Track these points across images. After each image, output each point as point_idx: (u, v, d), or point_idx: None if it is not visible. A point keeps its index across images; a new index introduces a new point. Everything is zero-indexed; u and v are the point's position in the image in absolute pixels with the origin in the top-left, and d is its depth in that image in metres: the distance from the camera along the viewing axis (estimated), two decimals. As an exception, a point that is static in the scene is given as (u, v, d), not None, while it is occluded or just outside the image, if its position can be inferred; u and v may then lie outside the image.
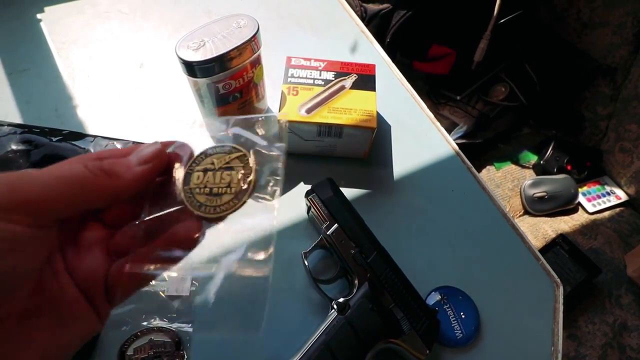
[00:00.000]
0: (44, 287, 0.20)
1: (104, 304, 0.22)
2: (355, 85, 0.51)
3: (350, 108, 0.48)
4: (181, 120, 0.55)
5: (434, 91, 0.89)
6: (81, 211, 0.21)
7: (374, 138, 0.55)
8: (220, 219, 0.22)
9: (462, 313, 0.43)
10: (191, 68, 0.43)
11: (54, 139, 0.50)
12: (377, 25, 0.75)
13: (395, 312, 0.38)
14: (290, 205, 0.49)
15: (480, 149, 0.89)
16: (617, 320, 0.70)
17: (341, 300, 0.39)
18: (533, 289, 0.46)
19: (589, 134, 0.91)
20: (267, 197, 0.24)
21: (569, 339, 0.68)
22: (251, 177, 0.23)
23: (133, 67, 0.61)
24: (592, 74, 0.84)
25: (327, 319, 0.38)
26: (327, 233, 0.43)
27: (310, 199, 0.45)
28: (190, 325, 0.40)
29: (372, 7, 0.74)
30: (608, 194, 0.88)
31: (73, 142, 0.50)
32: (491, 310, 0.44)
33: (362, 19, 0.72)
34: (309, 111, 0.48)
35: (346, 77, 0.51)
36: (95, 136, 0.51)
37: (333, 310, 0.39)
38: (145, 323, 0.39)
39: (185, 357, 0.38)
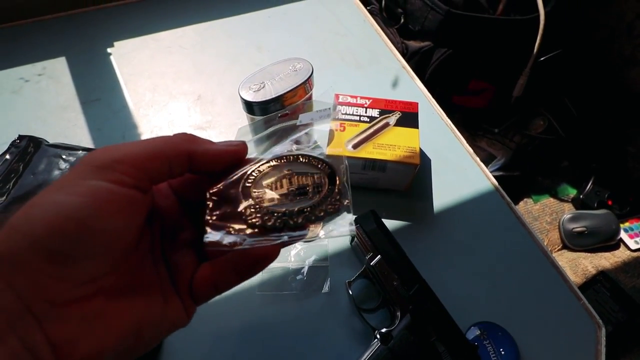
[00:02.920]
0: (145, 270, 0.23)
1: (189, 301, 0.24)
2: (399, 123, 0.53)
3: (394, 144, 0.51)
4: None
5: (471, 123, 0.90)
6: (172, 174, 0.23)
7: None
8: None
9: (501, 349, 0.44)
10: (251, 107, 0.47)
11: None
12: (417, 61, 0.78)
13: (437, 345, 0.40)
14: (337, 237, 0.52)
15: (518, 181, 0.89)
16: (662, 365, 0.68)
17: (384, 330, 0.41)
18: (574, 328, 0.47)
19: (631, 168, 0.89)
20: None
21: (610, 381, 0.66)
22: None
23: (192, 98, 0.66)
24: (634, 109, 0.83)
25: (370, 348, 0.40)
26: (371, 264, 0.45)
27: (355, 230, 0.48)
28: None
29: (414, 44, 0.77)
30: (652, 230, 0.86)
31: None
32: (531, 348, 0.45)
33: (403, 55, 0.76)
34: (355, 146, 0.51)
35: (390, 115, 0.54)
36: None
37: (376, 340, 0.41)
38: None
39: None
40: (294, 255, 0.50)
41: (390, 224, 0.53)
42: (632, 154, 0.88)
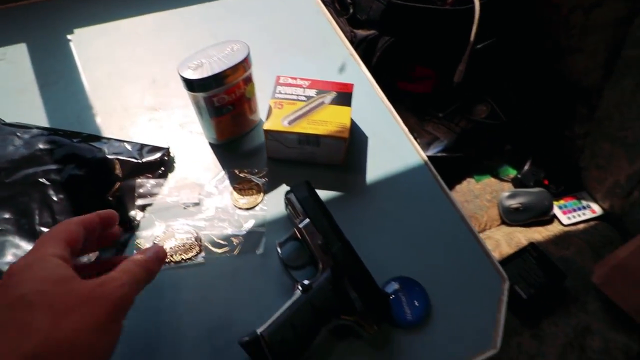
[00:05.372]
0: None
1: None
2: (334, 102, 0.58)
3: (327, 120, 0.56)
4: (184, 126, 0.64)
5: (419, 108, 0.96)
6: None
7: (352, 147, 0.63)
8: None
9: (415, 300, 0.49)
10: (191, 85, 0.51)
11: (75, 140, 0.59)
12: (364, 49, 0.83)
13: (351, 293, 0.45)
14: (274, 204, 0.57)
15: (461, 162, 0.95)
16: (581, 324, 0.74)
17: (306, 282, 0.46)
18: (482, 282, 0.52)
19: (567, 151, 0.96)
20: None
21: (532, 339, 0.73)
22: None
23: (146, 82, 0.70)
24: (570, 96, 0.90)
25: (293, 297, 0.45)
26: (299, 226, 0.50)
27: (288, 197, 0.53)
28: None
29: (361, 33, 0.82)
30: (584, 207, 0.92)
31: (91, 143, 0.59)
32: (442, 298, 0.50)
33: (352, 43, 0.80)
34: (290, 122, 0.55)
35: (326, 94, 0.59)
36: (109, 139, 0.60)
37: (298, 290, 0.45)
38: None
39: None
40: (234, 222, 0.55)
41: (326, 194, 0.58)
42: (568, 137, 0.95)
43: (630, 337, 0.74)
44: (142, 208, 0.55)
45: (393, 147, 0.64)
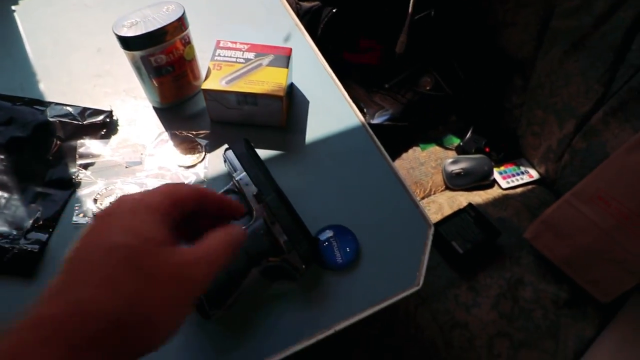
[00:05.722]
0: None
1: None
2: (271, 64, 0.61)
3: (263, 81, 0.58)
4: (128, 92, 0.66)
5: (366, 80, 0.99)
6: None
7: (293, 110, 0.66)
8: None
9: (347, 247, 0.53)
10: (126, 42, 0.53)
11: (17, 104, 0.60)
12: (309, 20, 0.85)
13: (280, 237, 0.48)
14: (216, 164, 0.59)
15: (407, 131, 1.00)
16: (514, 276, 0.80)
17: (239, 227, 0.49)
18: (410, 229, 0.56)
19: (507, 121, 1.01)
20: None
21: (468, 291, 0.78)
22: None
23: (92, 50, 0.71)
24: (507, 68, 0.95)
25: (226, 241, 0.48)
26: (236, 179, 0.52)
27: (226, 154, 0.55)
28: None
29: (306, 4, 0.84)
30: (522, 173, 0.99)
31: (33, 107, 0.60)
32: (373, 244, 0.54)
33: (297, 15, 0.83)
34: (228, 82, 0.58)
35: (264, 57, 0.61)
36: (51, 102, 0.61)
37: (232, 235, 0.48)
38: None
39: None
40: (176, 179, 0.57)
41: (267, 153, 0.61)
42: (507, 108, 1.00)
43: (560, 287, 0.81)
44: (85, 167, 0.57)
45: (333, 111, 0.67)
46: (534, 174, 0.99)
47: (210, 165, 0.59)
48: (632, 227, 0.72)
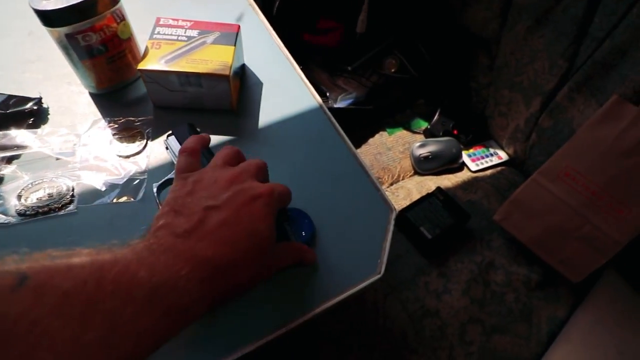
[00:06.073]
0: None
1: None
2: (216, 41, 0.56)
3: (207, 59, 0.54)
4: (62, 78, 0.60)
5: (329, 63, 0.96)
6: None
7: (245, 93, 0.61)
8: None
9: (302, 232, 0.49)
10: (47, 17, 0.47)
11: None
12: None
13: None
14: (160, 152, 0.54)
15: (372, 115, 0.97)
16: (485, 260, 0.78)
17: (180, 218, 0.44)
18: (372, 213, 0.53)
19: (475, 102, 0.99)
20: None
21: (439, 277, 0.75)
22: None
23: (23, 34, 0.64)
24: (473, 47, 0.93)
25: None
26: (179, 166, 0.48)
27: (168, 140, 0.50)
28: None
29: (260, -18, 0.79)
30: (491, 155, 0.97)
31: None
32: (332, 229, 0.50)
33: (251, -6, 0.78)
34: (168, 62, 0.53)
35: (209, 34, 0.56)
36: (-33, 89, 0.54)
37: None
38: None
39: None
40: (114, 170, 0.52)
41: (217, 139, 0.57)
42: (474, 89, 0.98)
43: (531, 269, 0.79)
44: (9, 160, 0.51)
45: (289, 94, 0.63)
46: (503, 156, 0.97)
47: (153, 153, 0.54)
48: (600, 202, 0.71)
